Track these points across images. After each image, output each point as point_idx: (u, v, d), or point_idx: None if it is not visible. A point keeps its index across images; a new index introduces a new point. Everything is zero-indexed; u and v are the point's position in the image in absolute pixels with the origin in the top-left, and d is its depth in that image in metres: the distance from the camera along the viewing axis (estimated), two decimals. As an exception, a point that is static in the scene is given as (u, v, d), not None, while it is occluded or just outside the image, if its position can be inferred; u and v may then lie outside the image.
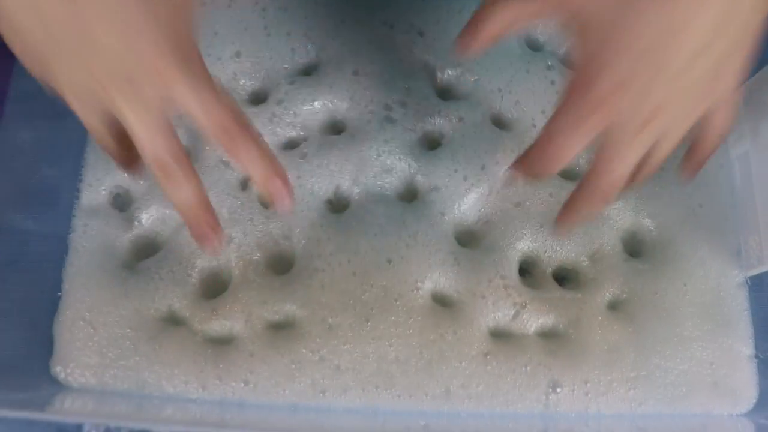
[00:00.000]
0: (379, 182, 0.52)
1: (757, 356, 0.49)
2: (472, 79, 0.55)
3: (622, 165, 0.37)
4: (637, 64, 0.34)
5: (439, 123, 0.53)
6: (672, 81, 0.34)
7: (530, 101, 0.54)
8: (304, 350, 0.47)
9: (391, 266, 0.49)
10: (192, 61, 0.36)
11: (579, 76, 0.36)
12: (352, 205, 0.51)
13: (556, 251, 0.50)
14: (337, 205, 0.52)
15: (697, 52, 0.33)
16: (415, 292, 0.49)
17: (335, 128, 0.54)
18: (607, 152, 0.37)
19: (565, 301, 0.49)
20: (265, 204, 0.51)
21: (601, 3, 0.34)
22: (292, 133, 0.53)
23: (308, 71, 0.55)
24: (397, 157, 0.52)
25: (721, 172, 0.52)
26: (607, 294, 0.50)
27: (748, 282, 0.50)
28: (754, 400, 0.48)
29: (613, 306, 0.50)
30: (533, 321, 0.49)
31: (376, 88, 0.54)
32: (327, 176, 0.52)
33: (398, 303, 0.48)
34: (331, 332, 0.48)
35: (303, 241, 0.50)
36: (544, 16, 0.37)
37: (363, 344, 0.47)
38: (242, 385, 0.47)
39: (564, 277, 0.51)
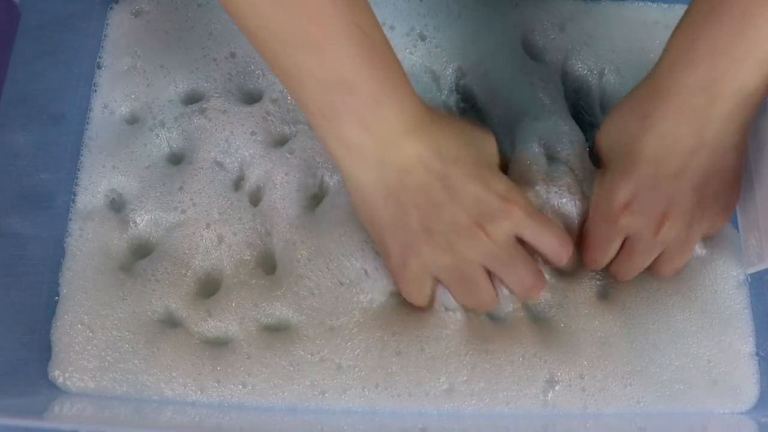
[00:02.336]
0: None
1: (758, 354, 0.48)
2: (476, 88, 0.55)
3: (640, 260, 0.47)
4: (638, 184, 0.44)
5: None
6: (670, 191, 0.44)
7: (531, 112, 0.53)
8: (302, 352, 0.47)
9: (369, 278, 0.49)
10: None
11: (600, 198, 0.47)
12: (326, 197, 0.51)
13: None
14: (321, 199, 0.52)
15: (683, 165, 0.43)
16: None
17: None
18: (628, 249, 0.46)
19: (556, 284, 0.49)
20: (254, 202, 0.52)
21: (613, 142, 0.47)
22: (286, 130, 0.53)
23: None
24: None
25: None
26: (597, 282, 0.50)
27: (749, 280, 0.50)
28: (756, 399, 0.48)
29: (603, 295, 0.50)
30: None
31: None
32: (312, 169, 0.51)
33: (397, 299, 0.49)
34: (333, 333, 0.47)
35: (282, 243, 0.50)
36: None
37: (367, 339, 0.47)
38: (240, 387, 0.46)
39: None
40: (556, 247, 0.45)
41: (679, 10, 0.57)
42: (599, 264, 0.48)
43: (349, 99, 0.40)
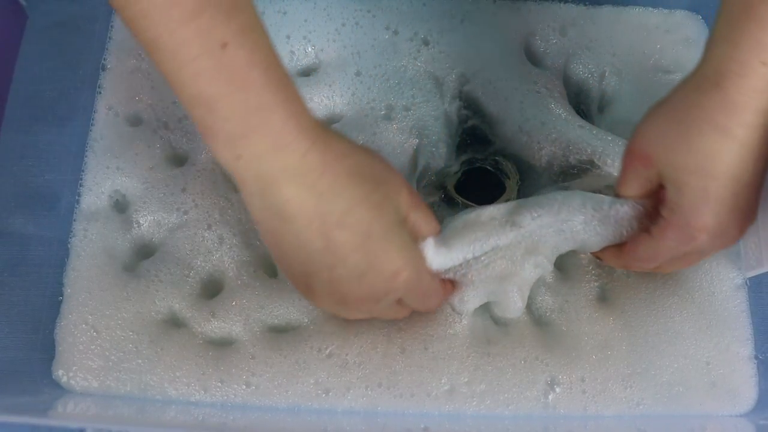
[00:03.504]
0: None
1: (756, 357, 0.49)
2: (479, 94, 0.55)
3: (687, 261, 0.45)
4: (720, 204, 0.40)
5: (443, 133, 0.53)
6: (745, 203, 0.40)
7: (537, 118, 0.54)
8: (309, 349, 0.47)
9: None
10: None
11: (677, 220, 0.41)
12: None
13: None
14: None
15: (757, 173, 0.39)
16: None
17: (329, 122, 0.54)
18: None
19: (557, 288, 0.50)
20: None
21: (679, 157, 0.40)
22: None
23: (307, 72, 0.56)
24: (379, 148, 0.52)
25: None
26: (596, 284, 0.50)
27: (748, 283, 0.50)
28: (754, 401, 0.48)
29: (603, 298, 0.50)
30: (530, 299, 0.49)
31: (379, 89, 0.54)
32: None
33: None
34: (339, 330, 0.48)
35: None
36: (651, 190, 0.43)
37: (373, 335, 0.48)
38: (244, 387, 0.47)
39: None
40: (429, 310, 0.46)
41: (680, 14, 0.58)
42: (643, 268, 0.46)
43: (210, 119, 0.35)
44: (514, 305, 0.46)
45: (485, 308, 0.49)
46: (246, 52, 0.34)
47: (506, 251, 0.45)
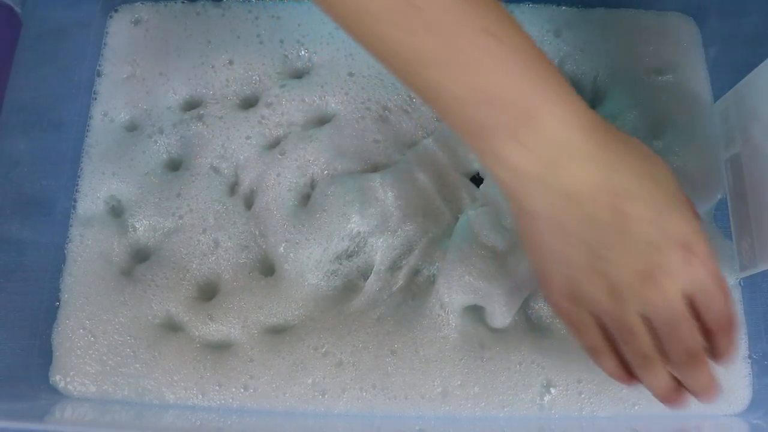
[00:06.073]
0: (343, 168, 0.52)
1: (750, 356, 0.49)
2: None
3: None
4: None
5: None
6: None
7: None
8: (306, 348, 0.48)
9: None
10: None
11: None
12: (315, 190, 0.51)
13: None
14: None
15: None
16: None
17: (321, 122, 0.55)
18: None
19: None
20: (248, 205, 0.52)
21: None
22: (279, 132, 0.54)
23: (300, 75, 0.56)
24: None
25: (713, 174, 0.52)
26: None
27: (741, 283, 0.50)
28: (748, 401, 0.48)
29: None
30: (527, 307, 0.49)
31: (374, 89, 0.54)
32: (303, 168, 0.52)
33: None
34: (332, 329, 0.48)
35: (275, 244, 0.50)
36: None
37: (365, 335, 0.48)
38: (242, 390, 0.47)
39: None
40: (722, 320, 0.38)
41: (672, 16, 0.58)
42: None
43: (493, 114, 0.35)
44: (500, 310, 0.47)
45: (478, 315, 0.49)
46: (520, 37, 0.35)
47: (504, 256, 0.45)
